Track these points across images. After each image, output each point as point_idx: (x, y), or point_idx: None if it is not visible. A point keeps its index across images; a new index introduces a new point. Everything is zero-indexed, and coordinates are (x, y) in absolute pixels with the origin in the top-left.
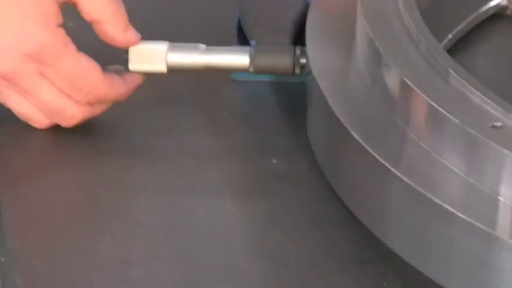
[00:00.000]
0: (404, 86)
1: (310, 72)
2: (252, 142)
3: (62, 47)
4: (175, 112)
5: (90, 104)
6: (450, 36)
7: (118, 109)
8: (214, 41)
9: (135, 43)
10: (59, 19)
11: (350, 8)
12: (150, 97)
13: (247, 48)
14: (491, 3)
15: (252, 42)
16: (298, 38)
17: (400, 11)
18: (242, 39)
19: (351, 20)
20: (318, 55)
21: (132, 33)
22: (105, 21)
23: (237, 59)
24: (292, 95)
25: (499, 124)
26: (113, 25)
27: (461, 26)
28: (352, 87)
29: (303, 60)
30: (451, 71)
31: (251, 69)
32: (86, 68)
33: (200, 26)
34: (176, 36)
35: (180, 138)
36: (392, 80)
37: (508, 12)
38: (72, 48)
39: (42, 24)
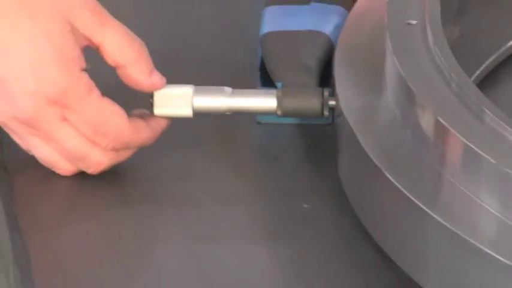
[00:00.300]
0: (438, 126)
1: (340, 114)
2: (280, 185)
3: (86, 92)
4: (201, 155)
5: (115, 150)
6: (478, 72)
7: (143, 154)
8: (236, 82)
9: (160, 87)
10: (82, 63)
11: (377, 45)
12: (174, 140)
13: (273, 90)
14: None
15: (278, 84)
16: (324, 77)
17: (429, 47)
18: (265, 80)
19: (379, 56)
20: (347, 95)
21: (157, 77)
22: (130, 65)
23: (264, 102)
24: (319, 137)
25: None
26: (137, 69)
27: (489, 61)
28: (383, 126)
29: (332, 102)
30: (485, 109)
31: (279, 112)
32: (111, 114)
33: (222, 68)
34: (196, 78)
35: (206, 182)
36: (426, 119)
37: None
38: (96, 93)
39: (66, 69)
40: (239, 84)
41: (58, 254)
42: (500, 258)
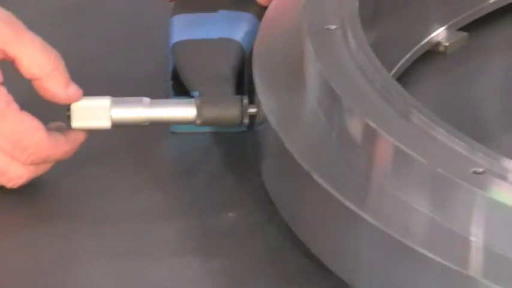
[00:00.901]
0: (365, 127)
1: (264, 120)
2: (202, 196)
3: (4, 106)
4: (117, 169)
5: (34, 164)
6: (392, 72)
7: (59, 167)
8: (147, 93)
9: (77, 99)
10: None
11: (294, 50)
12: (90, 153)
13: (192, 100)
14: (425, 40)
15: (195, 94)
16: (238, 85)
17: (352, 50)
18: (178, 90)
19: (296, 61)
20: (269, 100)
21: (74, 89)
22: (46, 78)
23: (183, 111)
24: (235, 145)
25: (480, 170)
26: (54, 81)
27: (399, 65)
28: (308, 130)
29: (251, 110)
30: (412, 108)
31: (198, 122)
32: (30, 128)
33: (132, 80)
34: (107, 93)
35: (125, 197)
36: (352, 121)
37: (441, 49)
38: (14, 106)
39: None
40: (151, 95)
41: None
42: (433, 257)
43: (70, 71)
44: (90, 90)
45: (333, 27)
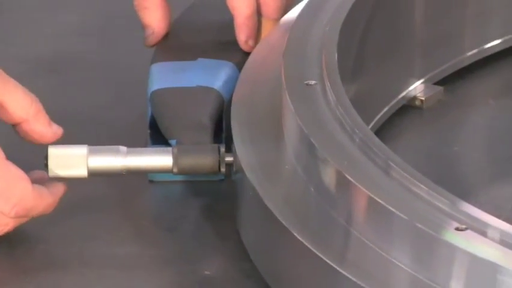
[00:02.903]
0: (344, 181)
1: (239, 170)
2: (180, 253)
3: None
4: (95, 221)
5: (17, 216)
6: (371, 125)
7: (37, 219)
8: (124, 142)
9: (60, 135)
10: None
11: (273, 100)
12: (69, 205)
13: (169, 148)
14: (402, 95)
15: (172, 142)
16: (215, 133)
17: (331, 105)
18: (156, 138)
19: (275, 112)
20: (246, 151)
21: (55, 127)
22: (32, 119)
23: (160, 160)
24: (212, 195)
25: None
26: (38, 122)
27: (376, 119)
28: (285, 183)
29: (228, 159)
30: (391, 163)
31: (175, 170)
32: (15, 177)
33: (107, 129)
34: (83, 141)
35: (105, 250)
36: (331, 175)
37: (417, 103)
38: (1, 155)
39: None
40: (128, 144)
41: None
42: None
43: (50, 114)
44: (68, 137)
45: (312, 82)
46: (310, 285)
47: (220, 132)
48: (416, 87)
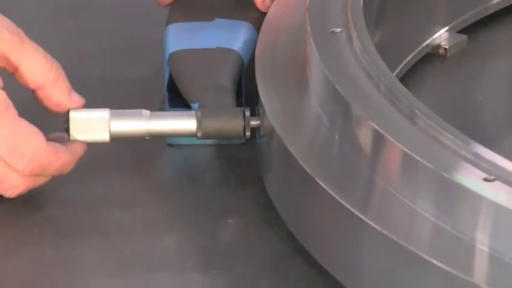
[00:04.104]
0: (371, 130)
1: (270, 130)
2: (202, 204)
3: (3, 108)
4: (116, 181)
5: (33, 174)
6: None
7: (57, 178)
8: (142, 104)
9: (81, 106)
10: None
11: (297, 55)
12: (87, 165)
13: (192, 112)
14: (425, 43)
15: (194, 105)
16: (237, 96)
17: (357, 53)
18: (174, 101)
19: (300, 66)
20: (273, 105)
21: (76, 96)
22: (49, 86)
23: (184, 124)
24: (233, 157)
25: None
26: (57, 89)
27: (400, 68)
28: (313, 134)
29: (254, 122)
30: (417, 112)
31: (199, 135)
32: (28, 132)
33: (125, 89)
34: (100, 100)
35: (126, 208)
36: (358, 124)
37: (441, 51)
38: (13, 110)
39: None
40: (146, 105)
41: None
42: (437, 263)
43: (65, 70)
44: (85, 91)
45: (338, 30)
46: (334, 233)
47: (240, 94)
48: (440, 36)
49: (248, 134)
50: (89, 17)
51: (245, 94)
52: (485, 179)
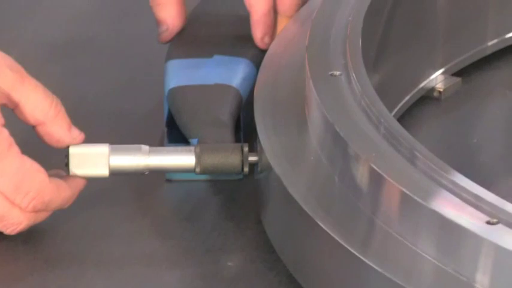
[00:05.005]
0: (371, 172)
1: (266, 167)
2: (202, 244)
3: (6, 147)
4: (115, 215)
5: (36, 210)
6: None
7: (58, 213)
8: (141, 140)
9: (80, 141)
10: (1, 119)
11: (296, 96)
12: (88, 200)
13: (191, 148)
14: (420, 86)
15: (193, 141)
16: (235, 132)
17: (356, 95)
18: (173, 136)
19: (299, 107)
20: (272, 145)
21: (76, 132)
22: (50, 122)
23: (183, 159)
24: (232, 193)
25: (494, 220)
26: (57, 125)
27: (395, 111)
28: (312, 175)
29: (252, 158)
30: (417, 154)
31: (197, 170)
32: (31, 170)
33: (124, 125)
34: (99, 137)
35: (126, 242)
36: (357, 166)
37: (435, 94)
38: (16, 149)
39: None
40: (145, 141)
41: None
42: None
43: (65, 106)
44: (85, 126)
45: (337, 73)
46: (334, 275)
47: (239, 130)
48: (434, 78)
49: (246, 169)
50: (87, 55)
51: (243, 129)
52: (488, 222)
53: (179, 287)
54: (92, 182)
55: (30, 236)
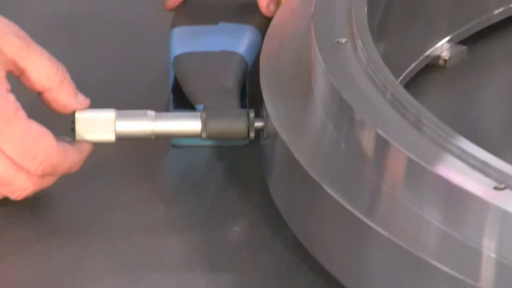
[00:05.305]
0: (377, 137)
1: (273, 133)
2: (207, 210)
3: (13, 112)
4: (121, 182)
5: (44, 174)
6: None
7: (64, 180)
8: (146, 105)
9: (86, 107)
10: (8, 85)
11: (301, 62)
12: (93, 167)
13: (197, 113)
14: (425, 54)
15: (199, 107)
16: (240, 98)
17: (362, 62)
18: (179, 103)
19: (304, 73)
20: (279, 113)
21: (82, 98)
22: (56, 88)
23: (189, 125)
24: (236, 159)
25: (502, 186)
26: (63, 91)
27: (400, 79)
28: (318, 141)
29: (258, 124)
30: (423, 119)
31: (203, 135)
32: (38, 134)
33: (128, 92)
34: (105, 103)
35: (131, 210)
36: (363, 132)
37: (441, 62)
38: (22, 113)
39: None
40: (150, 107)
41: None
42: (444, 268)
43: (70, 74)
44: (90, 93)
45: (343, 40)
46: (340, 240)
47: (244, 97)
48: (440, 46)
49: (252, 135)
50: (92, 23)
51: (249, 96)
52: (495, 188)
53: (185, 252)
54: (97, 149)
55: (36, 203)
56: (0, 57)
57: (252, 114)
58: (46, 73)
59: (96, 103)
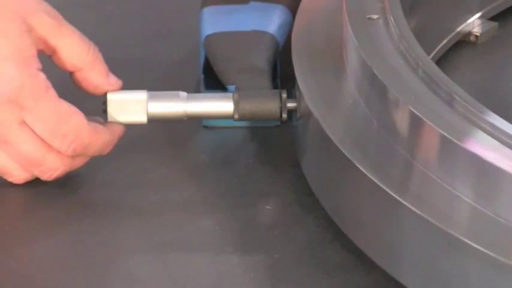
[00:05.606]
0: (410, 115)
1: (306, 113)
2: (239, 188)
3: (43, 90)
4: (154, 162)
5: (75, 153)
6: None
7: (94, 160)
8: (178, 86)
9: (118, 88)
10: (39, 63)
11: (333, 40)
12: (122, 147)
13: (229, 94)
14: (456, 30)
15: (231, 88)
16: (272, 78)
17: (394, 39)
18: (209, 83)
19: (336, 51)
20: (310, 89)
21: (114, 78)
22: (87, 68)
23: (221, 106)
24: (268, 139)
25: None
26: (94, 71)
27: (432, 55)
28: (350, 119)
29: (291, 104)
30: (456, 96)
31: (236, 116)
32: (68, 112)
33: (160, 71)
34: (136, 83)
35: (164, 189)
36: (396, 109)
37: (472, 38)
38: (53, 92)
39: (23, 67)
40: (181, 88)
41: (19, 274)
42: (476, 246)
43: (102, 53)
44: (122, 73)
45: (375, 16)
46: (373, 217)
47: (275, 77)
48: (471, 23)
49: (285, 116)
50: (119, 1)
51: (280, 76)
52: None
53: (216, 230)
54: (128, 129)
55: (67, 182)
56: (31, 35)
57: (284, 95)
58: (77, 52)
59: (126, 82)
